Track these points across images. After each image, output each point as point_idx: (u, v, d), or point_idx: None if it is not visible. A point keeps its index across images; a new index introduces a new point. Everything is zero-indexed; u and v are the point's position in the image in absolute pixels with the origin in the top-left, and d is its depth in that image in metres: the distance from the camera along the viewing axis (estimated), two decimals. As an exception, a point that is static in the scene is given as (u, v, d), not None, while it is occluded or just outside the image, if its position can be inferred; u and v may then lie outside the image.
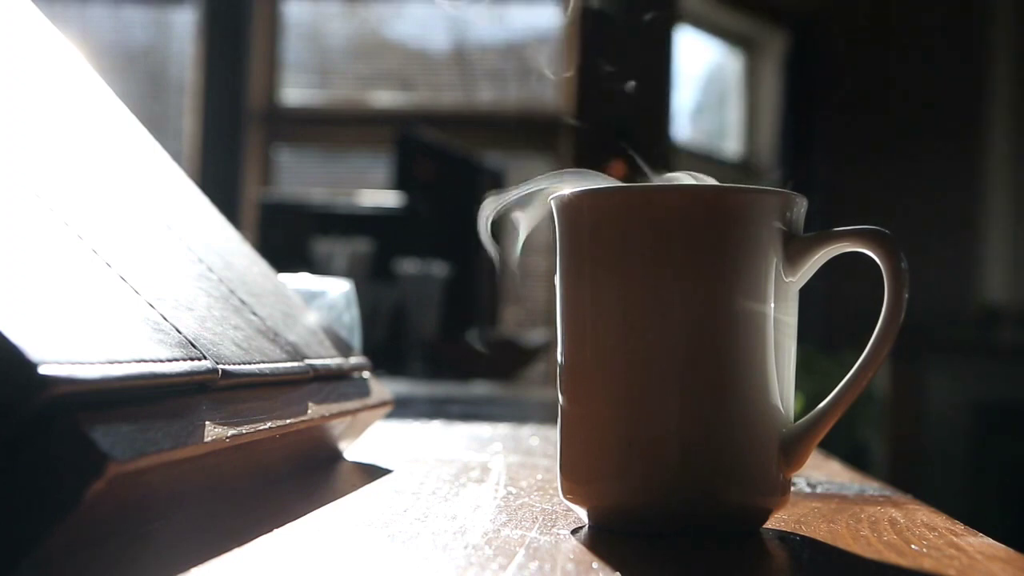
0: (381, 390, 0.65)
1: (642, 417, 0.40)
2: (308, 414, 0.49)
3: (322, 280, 0.73)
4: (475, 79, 3.80)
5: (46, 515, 0.29)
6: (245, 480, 0.46)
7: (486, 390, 1.57)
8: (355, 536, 0.39)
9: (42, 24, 0.55)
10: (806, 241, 0.41)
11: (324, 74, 3.85)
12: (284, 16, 3.82)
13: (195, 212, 0.60)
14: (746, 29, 3.85)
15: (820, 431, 0.41)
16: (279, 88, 3.80)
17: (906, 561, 0.36)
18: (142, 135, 0.60)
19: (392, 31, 3.86)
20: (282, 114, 3.78)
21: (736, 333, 0.40)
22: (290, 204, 2.73)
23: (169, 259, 0.48)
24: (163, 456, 0.33)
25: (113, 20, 3.79)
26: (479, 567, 0.33)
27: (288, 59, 3.82)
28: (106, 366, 0.32)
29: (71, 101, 0.54)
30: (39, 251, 0.36)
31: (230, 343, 0.44)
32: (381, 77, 3.82)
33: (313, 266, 2.00)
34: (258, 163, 3.75)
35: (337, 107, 3.78)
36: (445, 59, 3.81)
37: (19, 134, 0.43)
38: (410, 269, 2.13)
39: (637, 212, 0.40)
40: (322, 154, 3.87)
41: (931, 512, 0.47)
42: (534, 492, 0.50)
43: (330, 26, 3.85)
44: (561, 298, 0.43)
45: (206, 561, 0.33)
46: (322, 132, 3.79)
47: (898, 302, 0.40)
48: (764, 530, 0.42)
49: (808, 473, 0.59)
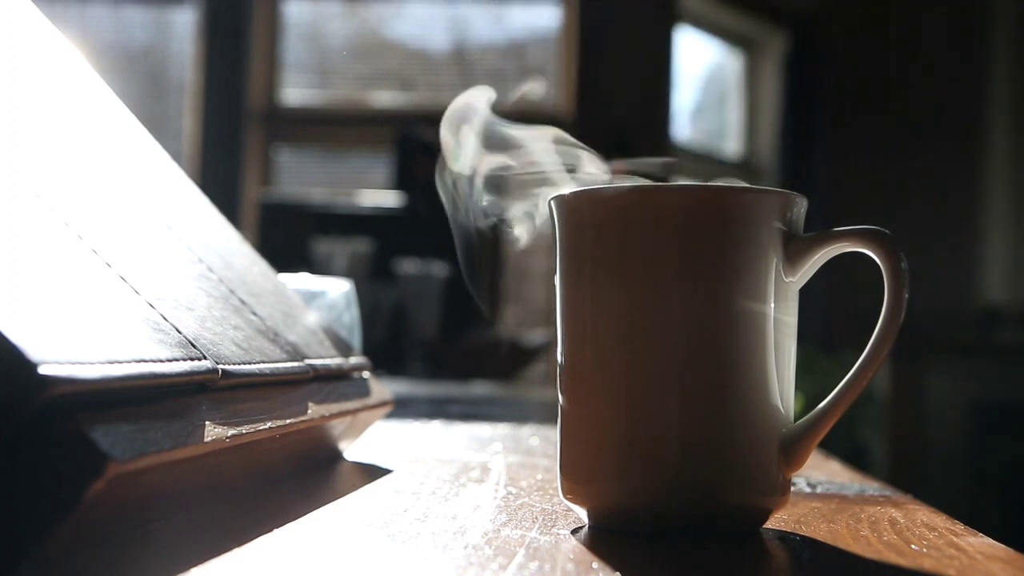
0: (381, 390, 0.65)
1: (642, 417, 0.40)
2: (308, 414, 0.49)
3: (322, 280, 0.73)
4: (475, 79, 3.80)
5: (46, 515, 0.29)
6: (245, 480, 0.46)
7: (486, 390, 1.57)
8: (355, 536, 0.39)
9: (42, 24, 0.55)
10: (806, 241, 0.41)
11: (324, 74, 3.85)
12: (284, 16, 3.82)
13: (195, 212, 0.60)
14: (746, 29, 3.85)
15: (820, 431, 0.41)
16: (279, 88, 3.80)
17: (906, 561, 0.36)
18: (142, 135, 0.60)
19: (392, 31, 3.86)
20: (282, 114, 3.78)
21: (736, 333, 0.40)
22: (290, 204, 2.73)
23: (169, 259, 0.48)
24: (163, 456, 0.33)
25: (113, 20, 3.79)
26: (479, 567, 0.33)
27: (288, 59, 3.82)
28: (106, 366, 0.32)
29: (71, 101, 0.54)
30: (39, 251, 0.36)
31: (230, 343, 0.44)
32: (381, 77, 3.82)
33: (313, 266, 2.00)
34: (258, 163, 3.75)
35: (337, 107, 3.78)
36: (445, 59, 3.81)
37: (19, 134, 0.43)
38: (410, 269, 2.13)
39: (637, 212, 0.40)
40: (322, 154, 3.87)
41: (931, 512, 0.47)
42: (534, 492, 0.50)
43: (330, 26, 3.85)
44: (561, 298, 0.43)
45: (206, 561, 0.33)
46: (322, 132, 3.79)
47: (898, 302, 0.40)
48: (764, 530, 0.42)
49: (808, 473, 0.59)
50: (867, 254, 0.41)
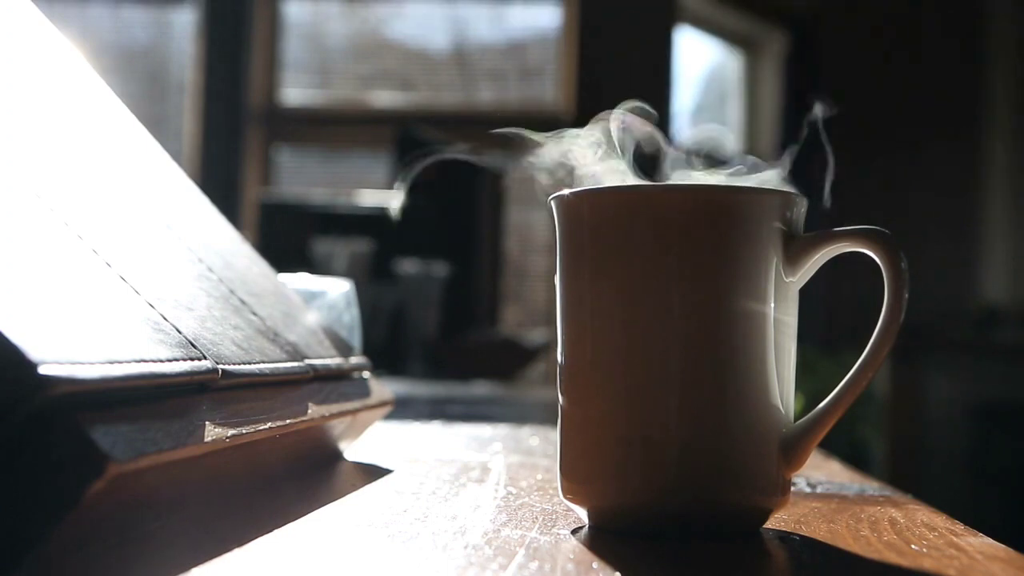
0: (381, 390, 0.65)
1: (642, 417, 0.40)
2: (308, 414, 0.49)
3: (322, 280, 0.73)
4: (475, 79, 3.80)
5: (46, 515, 0.29)
6: (245, 480, 0.46)
7: (486, 390, 1.57)
8: (355, 536, 0.39)
9: (42, 24, 0.55)
10: (806, 241, 0.41)
11: (324, 74, 3.85)
12: (284, 16, 3.82)
13: (195, 212, 0.60)
14: (746, 29, 3.85)
15: (820, 431, 0.41)
16: (279, 88, 3.80)
17: (906, 561, 0.36)
18: (142, 135, 0.60)
19: (392, 31, 3.86)
20: (282, 114, 3.78)
21: (736, 333, 0.40)
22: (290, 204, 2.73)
23: (169, 259, 0.48)
24: (163, 456, 0.33)
25: (113, 20, 3.79)
26: (479, 567, 0.33)
27: (288, 59, 3.82)
28: (106, 366, 0.32)
29: (71, 101, 0.54)
30: (39, 251, 0.36)
31: (230, 343, 0.44)
32: (381, 77, 3.82)
33: (313, 266, 2.00)
34: (258, 163, 3.75)
35: (337, 107, 3.78)
36: (445, 59, 3.81)
37: (19, 134, 0.43)
38: (410, 269, 2.12)
39: (637, 212, 0.40)
40: (322, 154, 3.87)
41: (931, 512, 0.47)
42: (534, 492, 0.50)
43: (330, 26, 3.85)
44: (561, 298, 0.43)
45: (206, 561, 0.33)
46: (322, 132, 3.79)
47: (898, 302, 0.40)
48: (764, 530, 0.42)
49: (808, 473, 0.59)
50: (867, 254, 0.41)
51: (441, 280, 2.15)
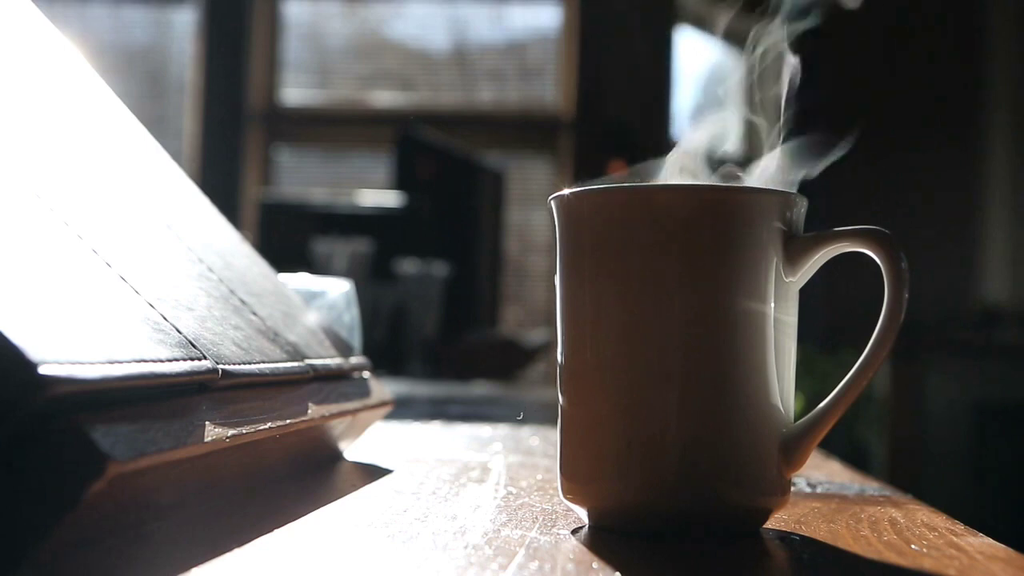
0: (381, 390, 0.65)
1: (642, 417, 0.40)
2: (308, 414, 0.49)
3: (322, 280, 0.73)
4: (475, 79, 3.80)
5: (46, 515, 0.29)
6: (245, 480, 0.46)
7: (486, 390, 1.57)
8: (355, 536, 0.39)
9: (42, 24, 0.55)
10: (806, 241, 0.41)
11: (324, 74, 3.85)
12: (284, 16, 3.82)
13: (195, 212, 0.60)
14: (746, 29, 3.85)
15: (820, 431, 0.41)
16: (279, 88, 3.80)
17: (906, 561, 0.36)
18: (142, 135, 0.60)
19: (392, 31, 3.86)
20: (282, 114, 3.79)
21: (736, 333, 0.40)
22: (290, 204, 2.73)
23: (169, 259, 0.48)
24: (163, 456, 0.33)
25: (113, 20, 3.79)
26: (479, 567, 0.33)
27: (288, 59, 3.82)
28: (106, 366, 0.32)
29: (71, 101, 0.54)
30: (39, 251, 0.36)
31: (230, 343, 0.44)
32: (381, 77, 3.82)
33: (313, 266, 2.00)
34: (258, 163, 3.75)
35: (337, 107, 3.78)
36: (445, 59, 3.81)
37: (19, 134, 0.43)
38: (410, 269, 2.12)
39: (637, 212, 0.40)
40: (322, 154, 3.88)
41: (931, 512, 0.47)
42: (534, 492, 0.50)
43: (330, 26, 3.85)
44: (561, 298, 0.43)
45: (206, 561, 0.33)
46: (322, 132, 3.79)
47: (898, 302, 0.40)
48: (764, 530, 0.42)
49: (808, 473, 0.59)
50: (867, 254, 0.41)
51: (441, 280, 2.15)
